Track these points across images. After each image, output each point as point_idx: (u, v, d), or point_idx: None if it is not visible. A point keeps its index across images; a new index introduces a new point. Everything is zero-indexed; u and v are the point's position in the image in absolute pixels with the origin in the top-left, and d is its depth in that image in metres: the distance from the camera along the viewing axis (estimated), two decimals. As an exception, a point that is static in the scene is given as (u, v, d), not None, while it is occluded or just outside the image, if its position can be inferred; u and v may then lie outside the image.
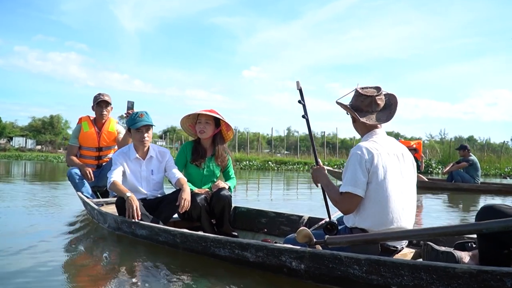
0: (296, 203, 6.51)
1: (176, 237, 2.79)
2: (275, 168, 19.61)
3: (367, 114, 2.29)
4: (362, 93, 2.30)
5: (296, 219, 3.31)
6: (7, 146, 47.35)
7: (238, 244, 2.39)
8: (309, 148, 28.85)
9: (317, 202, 6.70)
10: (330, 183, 2.41)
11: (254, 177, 13.49)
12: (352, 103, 2.34)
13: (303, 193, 8.48)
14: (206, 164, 3.61)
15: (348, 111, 2.33)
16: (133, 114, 3.42)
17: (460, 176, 8.91)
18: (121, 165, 3.42)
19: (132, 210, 3.11)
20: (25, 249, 3.04)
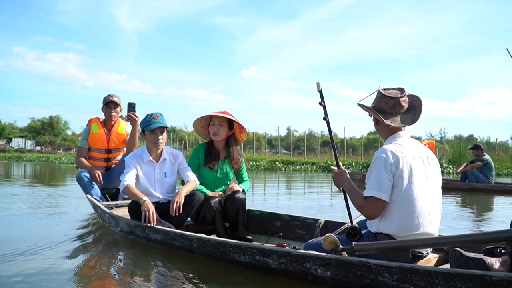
0: (308, 205, 6.45)
1: (193, 242, 2.73)
2: (282, 168, 19.37)
3: (391, 116, 2.23)
4: (386, 95, 2.24)
5: (311, 222, 3.25)
6: (7, 147, 47.26)
7: (259, 250, 2.33)
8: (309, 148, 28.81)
9: (322, 202, 6.65)
10: (353, 187, 2.35)
11: (264, 178, 13.33)
12: (375, 105, 2.29)
13: (311, 195, 8.43)
14: (220, 166, 3.56)
15: (372, 113, 2.28)
16: (148, 116, 3.36)
17: (474, 176, 8.81)
18: (134, 168, 3.36)
19: (148, 215, 3.05)
20: (36, 254, 2.98)
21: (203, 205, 3.27)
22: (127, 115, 4.25)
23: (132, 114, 4.21)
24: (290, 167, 19.63)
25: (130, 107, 4.26)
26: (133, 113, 4.21)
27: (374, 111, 2.24)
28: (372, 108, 2.32)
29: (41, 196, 6.79)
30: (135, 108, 4.28)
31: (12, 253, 3.00)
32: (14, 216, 4.64)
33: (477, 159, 9.04)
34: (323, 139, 44.31)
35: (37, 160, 30.53)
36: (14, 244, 3.27)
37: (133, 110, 4.23)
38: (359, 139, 46.72)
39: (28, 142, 51.65)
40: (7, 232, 3.76)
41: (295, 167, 19.46)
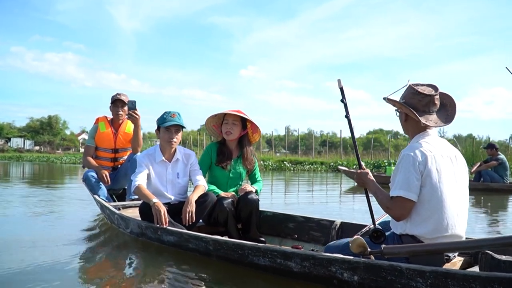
0: (321, 206, 6.37)
1: (208, 244, 2.65)
2: (291, 168, 19.07)
3: (424, 114, 2.15)
4: (420, 92, 2.15)
5: (327, 224, 3.16)
6: (5, 147, 47.08)
7: (281, 252, 2.24)
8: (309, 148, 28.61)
9: (331, 203, 6.58)
10: (378, 188, 2.27)
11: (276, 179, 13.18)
12: (406, 101, 2.19)
13: (321, 196, 8.34)
14: (232, 166, 3.47)
15: (406, 110, 2.17)
16: (165, 113, 3.27)
17: (489, 175, 8.70)
18: (146, 168, 3.28)
19: (159, 216, 2.97)
20: (43, 258, 2.88)
21: (215, 206, 3.19)
22: (128, 113, 4.17)
23: (133, 112, 4.13)
24: (298, 167, 19.32)
25: (131, 104, 4.17)
26: (134, 111, 4.13)
27: (409, 108, 2.14)
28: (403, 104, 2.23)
29: (46, 197, 6.69)
30: (136, 106, 4.20)
31: (18, 256, 2.92)
32: (19, 218, 4.55)
33: (491, 158, 8.90)
34: (322, 138, 44.29)
35: (37, 160, 30.31)
36: (20, 246, 3.19)
37: (134, 108, 4.15)
38: (357, 139, 46.72)
39: (27, 142, 51.48)
40: (12, 234, 3.67)
41: (304, 167, 19.13)
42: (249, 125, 3.52)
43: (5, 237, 3.54)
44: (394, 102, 2.20)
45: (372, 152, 24.34)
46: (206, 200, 3.17)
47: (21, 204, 5.65)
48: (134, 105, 4.17)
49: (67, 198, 6.53)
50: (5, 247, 3.15)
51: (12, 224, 4.21)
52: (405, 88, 2.27)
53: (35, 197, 6.52)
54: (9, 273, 2.53)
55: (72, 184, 10.21)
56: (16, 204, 5.60)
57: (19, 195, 6.81)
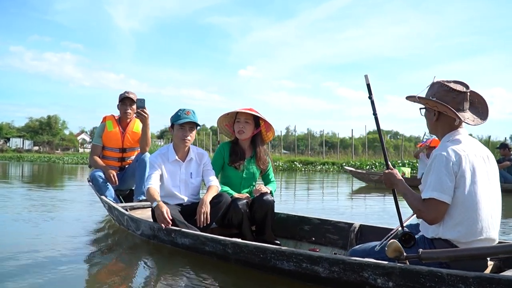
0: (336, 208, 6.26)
1: (227, 247, 2.53)
2: (302, 169, 18.74)
3: (458, 112, 2.04)
4: (454, 88, 2.04)
5: (345, 226, 3.05)
6: (4, 147, 46.90)
7: (307, 256, 2.13)
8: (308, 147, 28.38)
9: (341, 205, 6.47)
10: (408, 189, 2.15)
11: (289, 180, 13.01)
12: (438, 100, 2.08)
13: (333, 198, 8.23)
14: (246, 166, 3.36)
15: (442, 108, 2.05)
16: (180, 110, 3.17)
17: (502, 176, 8.34)
18: (159, 168, 3.16)
19: (162, 217, 2.85)
20: (50, 261, 2.78)
21: (229, 207, 3.08)
22: (137, 111, 4.05)
23: (141, 111, 4.01)
24: (309, 167, 18.95)
25: (140, 103, 4.04)
26: (143, 110, 4.01)
27: (446, 105, 2.02)
28: None
29: (51, 198, 6.54)
30: (145, 104, 4.09)
31: (25, 259, 2.81)
32: (24, 220, 4.41)
33: (504, 158, 8.72)
34: (322, 138, 44.16)
35: (38, 160, 30.09)
36: (27, 249, 3.07)
37: (143, 106, 4.02)
38: (358, 139, 46.61)
39: (26, 142, 51.30)
40: (19, 237, 3.55)
41: (315, 168, 18.79)
42: (262, 124, 3.41)
43: (10, 240, 3.41)
44: (427, 100, 2.08)
45: (372, 152, 24.15)
46: (220, 201, 3.06)
47: (25, 205, 5.52)
48: (143, 103, 4.05)
49: (72, 199, 6.38)
50: (10, 251, 3.03)
51: (17, 227, 4.07)
52: (431, 86, 2.16)
53: (41, 198, 6.39)
54: (16, 277, 2.42)
55: (76, 184, 10.08)
56: (20, 206, 5.47)
57: (23, 197, 6.69)
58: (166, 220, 2.85)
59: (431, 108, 2.10)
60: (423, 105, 2.15)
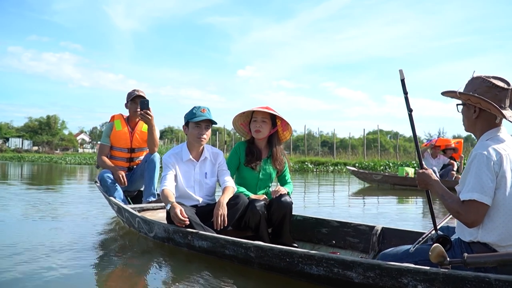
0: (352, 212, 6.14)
1: (249, 251, 2.40)
2: (313, 169, 18.25)
3: (501, 109, 1.92)
4: (498, 85, 1.92)
5: (365, 229, 2.93)
6: (3, 147, 46.67)
7: (339, 261, 2.01)
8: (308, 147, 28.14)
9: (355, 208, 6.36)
10: (445, 190, 2.04)
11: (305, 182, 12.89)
12: (480, 95, 1.96)
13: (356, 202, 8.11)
14: (262, 166, 3.24)
15: (486, 105, 1.93)
16: (194, 108, 3.04)
17: None
18: (173, 169, 3.05)
19: (177, 217, 2.73)
20: (58, 266, 2.64)
21: (247, 209, 2.96)
22: (140, 113, 3.94)
23: (145, 112, 3.91)
24: (320, 168, 18.44)
25: (143, 104, 3.95)
26: (146, 111, 3.91)
27: (491, 102, 1.90)
28: None
29: (57, 199, 6.39)
30: (149, 104, 3.98)
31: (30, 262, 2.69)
32: (30, 221, 4.29)
33: None
34: (322, 138, 44.03)
35: (39, 160, 29.84)
36: (32, 253, 2.94)
37: (147, 107, 3.93)
38: (358, 139, 46.48)
39: (25, 142, 51.08)
40: (24, 239, 3.41)
41: (327, 168, 18.27)
42: (279, 122, 3.29)
43: (14, 242, 3.28)
44: (469, 96, 1.96)
45: (373, 153, 23.94)
46: (237, 203, 2.94)
47: (31, 207, 5.38)
48: (147, 105, 3.95)
49: (78, 200, 6.23)
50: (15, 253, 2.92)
51: (22, 228, 3.94)
52: (471, 81, 2.04)
53: (46, 199, 6.25)
54: (21, 282, 2.31)
55: (82, 185, 9.94)
56: (26, 207, 5.34)
57: (29, 198, 6.55)
58: (183, 220, 2.73)
59: (472, 104, 1.98)
60: (464, 101, 2.03)
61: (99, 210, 5.03)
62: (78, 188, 8.88)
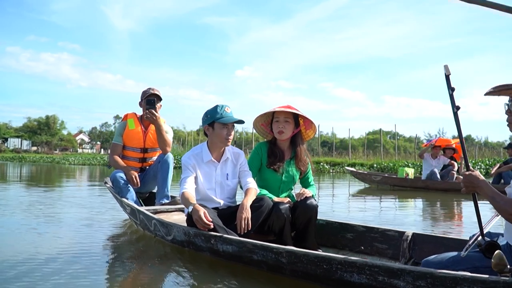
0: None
1: (281, 257, 2.26)
2: (330, 170, 17.59)
3: None
4: None
5: (394, 235, 2.79)
6: (2, 147, 46.40)
7: (385, 268, 1.87)
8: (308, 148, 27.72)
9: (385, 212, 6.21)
10: (495, 192, 1.90)
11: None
12: None
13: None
14: (285, 168, 3.10)
15: None
16: (217, 107, 2.89)
17: (510, 177, 8.28)
18: (193, 171, 2.90)
19: (201, 220, 2.59)
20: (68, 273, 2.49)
21: (271, 212, 2.82)
22: (146, 112, 3.80)
23: (150, 111, 3.78)
24: (337, 168, 17.76)
25: (150, 102, 3.82)
26: (151, 110, 3.78)
27: None
28: None
29: (65, 201, 6.23)
30: (155, 103, 3.86)
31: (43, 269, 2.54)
32: (39, 225, 4.13)
33: (511, 159, 8.57)
34: (322, 139, 43.86)
35: (41, 161, 29.54)
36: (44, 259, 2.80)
37: (153, 106, 3.80)
38: (357, 139, 46.38)
39: (24, 142, 50.81)
40: (34, 244, 3.26)
41: (344, 169, 17.37)
42: (301, 121, 3.15)
43: (22, 246, 3.14)
44: None
45: (373, 153, 23.77)
46: (261, 206, 2.80)
47: (39, 208, 5.23)
48: (153, 103, 3.83)
49: (88, 201, 6.09)
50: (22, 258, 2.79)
51: (30, 231, 3.78)
52: None
53: (54, 201, 6.10)
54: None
55: (90, 185, 9.78)
56: (33, 208, 5.18)
57: (36, 199, 6.39)
58: (207, 224, 2.59)
59: None
60: None
61: (110, 213, 4.88)
62: (88, 189, 8.71)
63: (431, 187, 8.55)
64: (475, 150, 24.44)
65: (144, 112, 3.94)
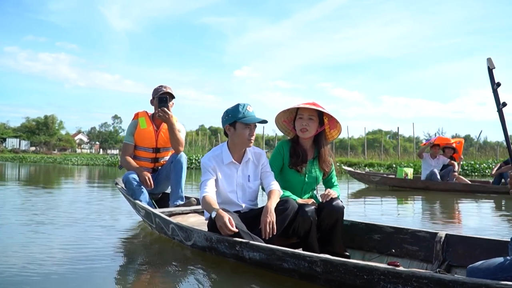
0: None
1: (315, 265, 2.12)
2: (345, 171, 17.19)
3: None
4: None
5: (425, 236, 2.67)
6: (0, 148, 46.10)
7: (435, 280, 1.72)
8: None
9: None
10: None
11: None
12: None
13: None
14: (308, 169, 2.97)
15: None
16: (240, 105, 2.74)
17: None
18: (214, 173, 2.77)
19: (225, 228, 2.46)
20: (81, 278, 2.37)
21: (296, 214, 2.68)
22: (158, 110, 3.67)
23: (162, 109, 3.65)
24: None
25: (162, 101, 3.69)
26: (163, 108, 3.64)
27: None
28: None
29: (73, 202, 6.07)
30: (168, 101, 3.73)
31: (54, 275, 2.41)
32: (47, 226, 3.99)
33: None
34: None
35: (42, 161, 29.28)
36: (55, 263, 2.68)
37: (165, 104, 3.68)
38: (357, 139, 46.20)
39: (22, 142, 50.51)
40: (44, 247, 3.13)
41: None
42: (326, 120, 3.01)
43: (32, 250, 3.01)
44: None
45: (373, 153, 23.56)
46: (287, 208, 2.66)
47: (47, 210, 5.09)
48: (166, 101, 3.70)
49: (97, 203, 5.94)
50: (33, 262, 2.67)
51: (38, 234, 3.64)
52: None
53: (63, 202, 5.96)
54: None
55: (98, 186, 9.63)
56: (41, 210, 5.04)
57: (44, 200, 6.25)
58: (232, 231, 2.45)
59: None
60: None
61: (123, 214, 4.75)
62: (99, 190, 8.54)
63: (431, 188, 8.40)
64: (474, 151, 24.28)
65: (156, 111, 3.80)
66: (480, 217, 5.40)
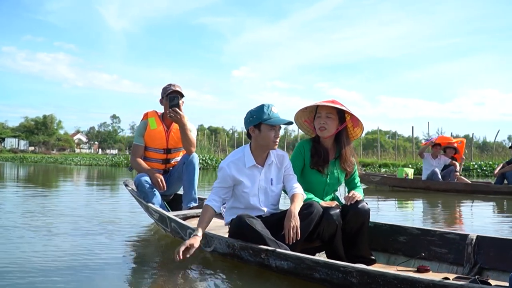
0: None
1: (350, 276, 1.99)
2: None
3: None
4: None
5: (455, 238, 2.55)
6: (-1, 147, 45.92)
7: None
8: None
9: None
10: None
11: None
12: None
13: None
14: (330, 169, 2.84)
15: None
16: (264, 106, 2.60)
17: None
18: (231, 181, 2.66)
19: None
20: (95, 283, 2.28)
21: (321, 218, 2.56)
22: (169, 110, 3.53)
23: (173, 109, 3.53)
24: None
25: (172, 100, 3.56)
26: (175, 108, 3.52)
27: None
28: None
29: (80, 203, 5.92)
30: (179, 101, 3.61)
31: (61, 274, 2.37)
32: (57, 230, 3.84)
33: None
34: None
35: (43, 161, 29.01)
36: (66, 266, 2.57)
37: (176, 104, 3.55)
38: (358, 139, 46.16)
39: (21, 142, 50.30)
40: (54, 250, 2.99)
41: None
42: (348, 118, 2.88)
43: (43, 253, 2.88)
44: None
45: (372, 153, 23.42)
46: (311, 212, 2.53)
47: (56, 211, 4.94)
48: (177, 101, 3.57)
49: (105, 205, 5.79)
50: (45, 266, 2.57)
51: (46, 236, 3.50)
52: None
53: (71, 203, 5.81)
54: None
55: (105, 188, 9.47)
56: (48, 212, 4.89)
57: (51, 201, 6.10)
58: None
59: None
60: None
61: (133, 216, 4.62)
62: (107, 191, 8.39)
63: (432, 188, 8.23)
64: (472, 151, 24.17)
65: (167, 111, 3.66)
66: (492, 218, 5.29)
